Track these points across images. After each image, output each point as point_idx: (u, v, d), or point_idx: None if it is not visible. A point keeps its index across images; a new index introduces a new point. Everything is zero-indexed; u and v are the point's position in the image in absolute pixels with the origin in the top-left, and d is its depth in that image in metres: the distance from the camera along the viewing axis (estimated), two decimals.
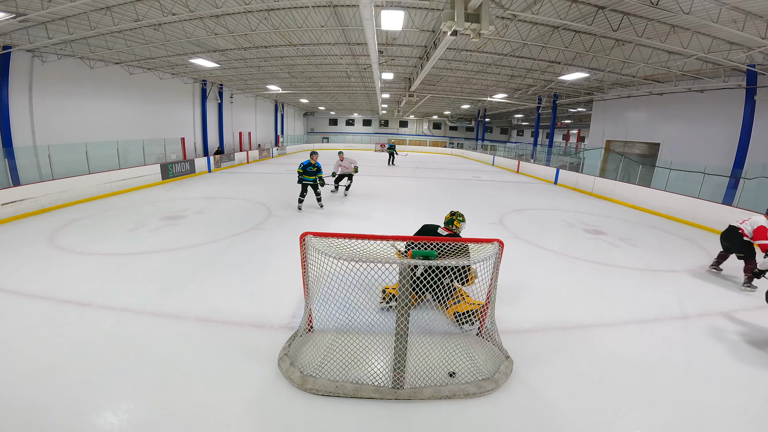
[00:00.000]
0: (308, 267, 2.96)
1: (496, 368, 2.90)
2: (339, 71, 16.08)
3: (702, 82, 11.64)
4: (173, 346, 3.18)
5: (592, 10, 7.61)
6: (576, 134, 34.78)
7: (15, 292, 4.12)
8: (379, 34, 9.96)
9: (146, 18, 8.25)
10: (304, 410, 2.51)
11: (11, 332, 3.32)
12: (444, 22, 5.70)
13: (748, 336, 3.75)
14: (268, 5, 7.96)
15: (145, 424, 2.34)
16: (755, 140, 10.21)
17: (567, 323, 3.81)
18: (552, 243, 6.67)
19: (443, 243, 2.98)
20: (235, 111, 22.27)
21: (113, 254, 5.41)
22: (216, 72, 15.69)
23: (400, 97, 22.89)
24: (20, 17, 7.41)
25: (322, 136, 39.33)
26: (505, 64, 13.09)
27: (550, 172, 16.29)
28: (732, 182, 10.05)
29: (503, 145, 31.29)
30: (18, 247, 5.66)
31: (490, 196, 11.71)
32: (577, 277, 5.09)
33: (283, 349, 3.06)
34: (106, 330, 3.39)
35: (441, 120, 40.37)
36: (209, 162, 16.18)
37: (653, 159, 13.65)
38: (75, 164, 10.24)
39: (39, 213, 7.81)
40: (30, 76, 10.07)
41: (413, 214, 8.67)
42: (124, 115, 13.72)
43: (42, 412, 2.39)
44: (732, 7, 6.65)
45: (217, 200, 9.69)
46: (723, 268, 5.51)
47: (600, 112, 17.63)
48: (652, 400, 2.72)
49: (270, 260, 5.33)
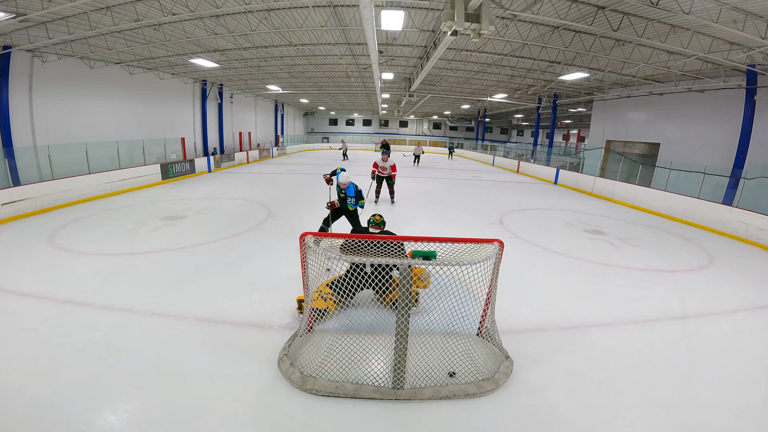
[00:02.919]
0: (308, 267, 2.96)
1: (496, 368, 2.90)
2: (339, 71, 16.07)
3: (702, 82, 11.63)
4: (173, 346, 3.18)
5: (592, 10, 7.61)
6: (576, 134, 34.79)
7: (15, 292, 4.12)
8: (379, 34, 9.95)
9: (146, 18, 8.25)
10: (304, 410, 2.51)
11: (11, 332, 3.32)
12: (444, 22, 5.69)
13: (748, 336, 3.76)
14: (268, 5, 7.95)
15: (145, 424, 2.34)
16: (755, 140, 10.21)
17: (567, 323, 3.81)
18: (552, 243, 6.66)
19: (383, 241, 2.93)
20: (235, 111, 22.27)
21: (113, 254, 5.41)
22: (216, 72, 15.69)
23: (400, 97, 22.88)
24: (20, 17, 7.41)
25: (322, 136, 39.32)
26: (505, 64, 13.09)
27: (550, 172, 16.29)
28: (732, 182, 10.04)
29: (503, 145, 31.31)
30: (18, 247, 5.66)
31: (490, 196, 11.70)
32: (577, 277, 5.09)
33: (283, 350, 3.06)
34: (107, 330, 3.39)
35: (441, 120, 40.36)
36: (209, 162, 16.18)
37: (653, 159, 13.64)
38: (75, 164, 10.24)
39: (39, 213, 7.81)
40: (30, 76, 10.07)
41: (413, 214, 8.67)
42: (124, 115, 13.72)
43: (42, 412, 2.39)
44: (732, 7, 6.64)
45: (217, 200, 9.69)
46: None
47: (600, 112, 17.63)
48: (652, 400, 2.72)
49: (270, 260, 5.33)
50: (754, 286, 5.07)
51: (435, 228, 7.48)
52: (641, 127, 15.00)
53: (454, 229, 7.47)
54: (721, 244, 7.29)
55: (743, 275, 5.54)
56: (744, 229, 7.68)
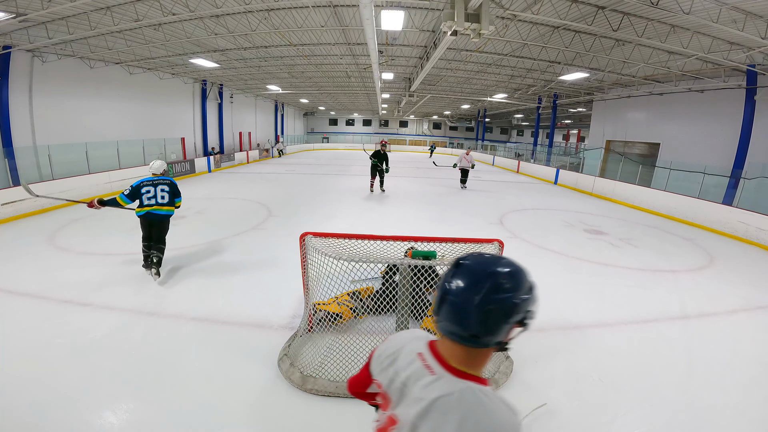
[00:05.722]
0: (308, 267, 2.96)
1: (496, 368, 2.90)
2: (339, 71, 16.06)
3: (702, 82, 11.63)
4: (173, 346, 3.18)
5: (592, 10, 7.61)
6: (576, 134, 34.79)
7: (15, 292, 4.12)
8: (379, 34, 9.95)
9: (146, 18, 8.25)
10: (304, 410, 2.51)
11: (11, 332, 3.32)
12: (444, 22, 5.69)
13: (748, 336, 3.76)
14: (268, 5, 7.95)
15: (145, 424, 2.34)
16: (755, 140, 10.21)
17: (567, 323, 3.81)
18: (552, 243, 6.66)
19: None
20: (235, 111, 22.26)
21: (113, 254, 5.40)
22: (216, 72, 15.68)
23: (400, 97, 22.88)
24: (20, 17, 7.41)
25: (322, 136, 39.33)
26: (505, 64, 13.08)
27: (550, 172, 16.29)
28: (732, 182, 10.05)
29: (503, 145, 31.31)
30: (18, 247, 5.66)
31: (490, 196, 11.70)
32: (577, 277, 5.10)
33: (283, 350, 3.06)
34: (107, 330, 3.39)
35: (441, 120, 40.35)
36: (209, 162, 16.18)
37: (653, 159, 13.64)
38: (75, 164, 10.23)
39: (39, 213, 7.81)
40: (30, 76, 10.06)
41: (413, 214, 8.67)
42: (124, 115, 13.70)
43: (42, 412, 2.39)
44: (732, 7, 6.64)
45: (217, 200, 9.69)
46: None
47: (600, 112, 17.63)
48: (652, 400, 2.72)
49: (270, 260, 5.33)
50: (754, 286, 5.07)
51: (435, 228, 7.48)
52: (641, 127, 15.00)
53: (454, 229, 7.47)
54: (721, 244, 7.29)
55: (743, 275, 5.54)
56: (744, 229, 7.68)
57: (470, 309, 0.75)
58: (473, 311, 0.75)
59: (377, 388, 0.93)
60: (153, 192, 4.61)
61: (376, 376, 0.94)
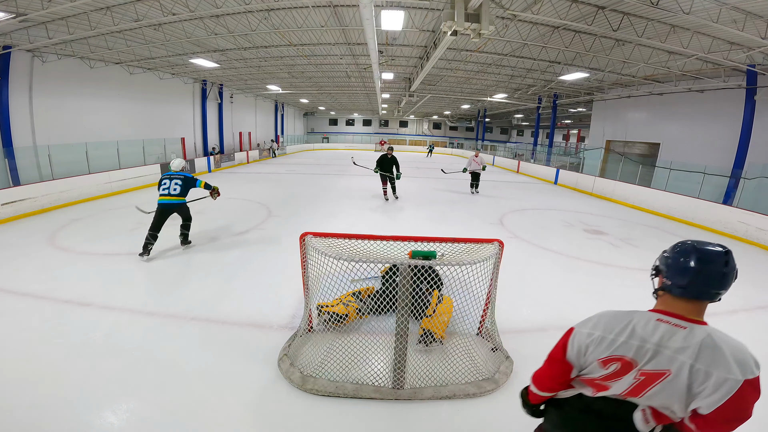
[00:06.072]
0: (308, 267, 2.96)
1: (496, 368, 2.90)
2: (339, 71, 16.07)
3: (702, 82, 11.64)
4: (173, 346, 3.18)
5: (592, 10, 7.61)
6: (576, 134, 34.79)
7: (15, 292, 4.12)
8: (379, 34, 9.95)
9: (146, 18, 8.25)
10: (304, 410, 2.51)
11: (11, 332, 3.32)
12: (444, 22, 5.70)
13: (748, 336, 3.75)
14: (268, 5, 7.96)
15: (145, 424, 2.34)
16: (755, 140, 10.21)
17: (567, 323, 3.76)
18: (552, 243, 6.66)
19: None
20: (235, 111, 22.27)
21: (113, 254, 5.40)
22: (216, 72, 15.69)
23: (400, 97, 22.89)
24: (20, 17, 7.41)
25: (322, 136, 39.34)
26: (505, 64, 13.09)
27: (550, 172, 16.29)
28: (732, 182, 10.05)
29: (503, 145, 31.32)
30: (18, 247, 5.65)
31: (490, 196, 11.70)
32: (577, 277, 5.09)
33: (283, 350, 3.06)
34: (106, 330, 3.39)
35: (441, 120, 40.37)
36: (209, 162, 16.18)
37: (653, 159, 13.65)
38: (75, 164, 10.24)
39: (39, 213, 7.81)
40: (30, 76, 10.07)
41: (414, 214, 8.67)
42: (124, 115, 13.71)
43: (42, 412, 2.39)
44: (732, 7, 6.65)
45: (217, 200, 9.67)
46: None
47: (600, 112, 17.63)
48: None
49: (270, 260, 5.33)
50: (754, 286, 5.07)
51: (434, 228, 7.48)
52: (641, 127, 15.01)
53: (454, 229, 7.47)
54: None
55: (743, 275, 5.42)
56: (744, 229, 7.68)
57: (732, 275, 1.15)
58: (733, 276, 1.15)
59: (600, 366, 1.23)
60: (168, 184, 5.34)
61: (600, 355, 1.24)
